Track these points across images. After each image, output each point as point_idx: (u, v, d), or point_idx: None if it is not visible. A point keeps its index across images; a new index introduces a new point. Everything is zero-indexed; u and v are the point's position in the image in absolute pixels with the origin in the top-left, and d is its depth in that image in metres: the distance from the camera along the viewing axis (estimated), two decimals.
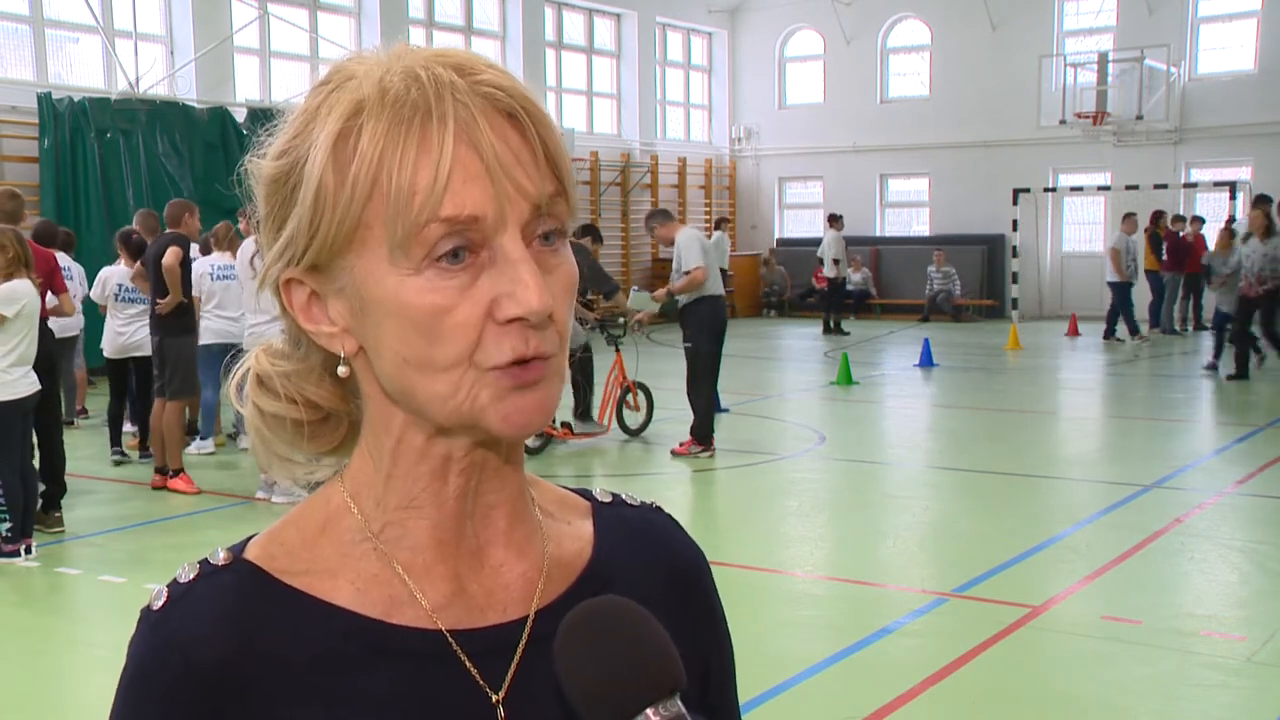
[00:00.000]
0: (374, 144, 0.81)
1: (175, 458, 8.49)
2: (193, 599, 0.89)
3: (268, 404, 0.94)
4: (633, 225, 21.91)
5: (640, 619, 0.83)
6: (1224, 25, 21.40)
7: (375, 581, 0.90)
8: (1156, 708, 4.69)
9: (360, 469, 0.92)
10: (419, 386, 0.84)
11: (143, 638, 0.89)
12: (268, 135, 0.89)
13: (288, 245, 0.87)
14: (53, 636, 5.78)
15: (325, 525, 0.92)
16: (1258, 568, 6.49)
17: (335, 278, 0.86)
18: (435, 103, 0.81)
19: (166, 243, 8.52)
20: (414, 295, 0.82)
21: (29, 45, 15.29)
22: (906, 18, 23.89)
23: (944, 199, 23.54)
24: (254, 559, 0.91)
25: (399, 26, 18.56)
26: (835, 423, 11.61)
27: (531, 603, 0.93)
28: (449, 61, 0.84)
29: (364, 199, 0.82)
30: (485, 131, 0.81)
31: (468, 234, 0.81)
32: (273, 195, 0.88)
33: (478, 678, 0.90)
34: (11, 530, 6.63)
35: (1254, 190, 20.08)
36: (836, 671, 5.03)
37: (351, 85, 0.84)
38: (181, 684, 0.86)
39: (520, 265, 0.82)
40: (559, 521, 0.99)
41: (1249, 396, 12.94)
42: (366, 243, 0.83)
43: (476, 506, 0.91)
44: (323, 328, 0.88)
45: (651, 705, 0.79)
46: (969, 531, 7.46)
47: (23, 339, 6.58)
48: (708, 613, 1.04)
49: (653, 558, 1.01)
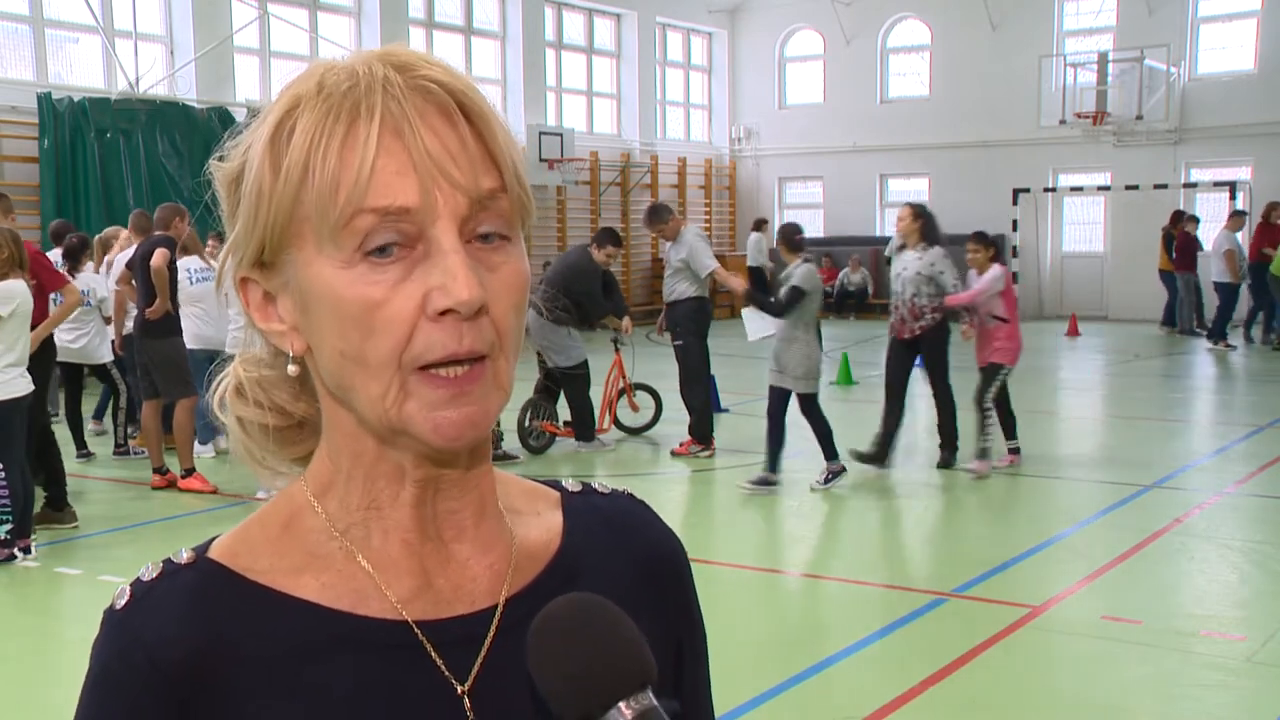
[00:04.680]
0: (304, 136, 0.82)
1: (186, 458, 8.48)
2: (156, 597, 0.89)
3: (243, 411, 0.95)
4: (633, 225, 21.88)
5: (611, 614, 0.83)
6: (1224, 25, 21.39)
7: (341, 576, 0.90)
8: (1156, 708, 4.69)
9: (321, 469, 0.92)
10: (357, 384, 0.84)
11: (106, 637, 0.90)
12: (231, 139, 0.90)
13: (236, 244, 0.88)
14: (53, 637, 5.78)
15: (289, 523, 0.92)
16: (1258, 568, 6.48)
17: (281, 273, 0.87)
18: (365, 96, 0.82)
19: (154, 245, 8.47)
20: (346, 288, 0.82)
21: (29, 45, 15.28)
22: (906, 18, 23.88)
23: (944, 199, 23.49)
24: (217, 557, 0.91)
25: (399, 26, 18.56)
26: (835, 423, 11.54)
27: (500, 593, 0.93)
28: (393, 60, 0.84)
29: (295, 191, 0.83)
30: (415, 125, 0.81)
31: (399, 226, 0.81)
32: (229, 196, 0.89)
33: (443, 668, 0.90)
34: (11, 531, 6.63)
35: (1254, 190, 20.08)
36: (836, 671, 5.03)
37: (297, 83, 0.86)
38: (147, 682, 0.86)
39: (450, 256, 0.81)
40: (526, 514, 0.98)
41: (1249, 396, 12.93)
42: (304, 235, 0.84)
43: (439, 511, 0.91)
44: (274, 325, 0.89)
45: (623, 699, 0.80)
46: (969, 531, 7.46)
47: (19, 339, 6.58)
48: (682, 600, 1.04)
49: (624, 543, 1.01)
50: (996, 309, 8.71)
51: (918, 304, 8.76)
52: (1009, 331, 8.74)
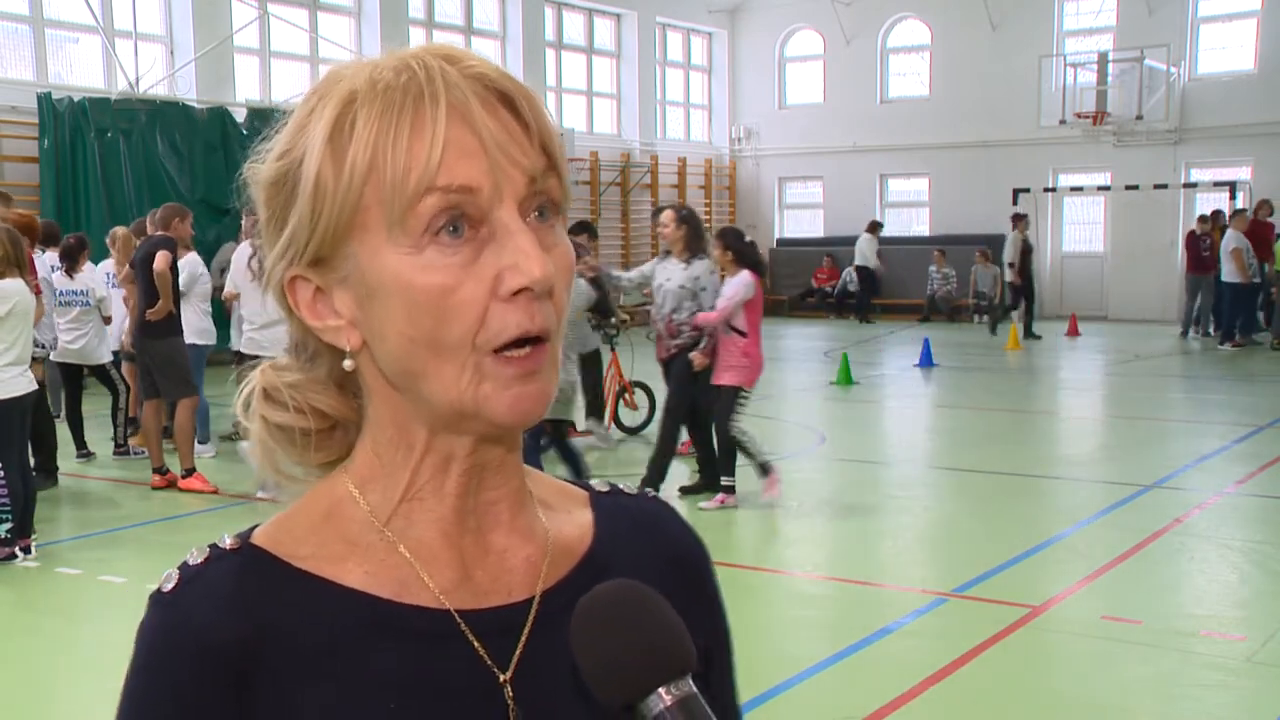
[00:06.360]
0: (368, 128, 0.84)
1: (187, 457, 8.48)
2: (203, 581, 0.90)
3: (275, 415, 0.95)
4: (633, 225, 21.91)
5: (654, 600, 0.85)
6: (1224, 25, 21.40)
7: (384, 565, 0.92)
8: (1156, 708, 4.69)
9: (364, 463, 0.94)
10: (429, 369, 0.85)
11: (153, 620, 0.90)
12: (264, 142, 0.91)
13: (290, 243, 0.89)
14: (53, 636, 5.77)
15: (330, 512, 0.94)
16: (1258, 568, 6.48)
17: (338, 268, 0.88)
18: (427, 85, 0.84)
19: (155, 246, 8.47)
20: (417, 274, 0.83)
21: (29, 45, 15.29)
22: (906, 18, 23.89)
23: (944, 199, 23.54)
24: (261, 543, 0.92)
25: (399, 26, 18.56)
26: (835, 423, 11.62)
27: (536, 585, 0.95)
28: (438, 53, 0.87)
29: (361, 182, 0.84)
30: (478, 110, 0.84)
31: (464, 206, 0.83)
32: (273, 197, 0.90)
33: (485, 657, 0.91)
34: (11, 530, 6.63)
35: (1254, 190, 20.07)
36: (836, 671, 5.03)
37: (342, 84, 0.87)
38: (193, 665, 0.87)
39: (519, 236, 0.84)
40: (558, 511, 1.00)
41: (1249, 397, 12.94)
42: (367, 226, 0.85)
43: (478, 502, 0.93)
44: (328, 322, 0.90)
45: (663, 685, 0.81)
46: (969, 531, 7.46)
47: (17, 338, 6.59)
48: (706, 599, 1.06)
49: (651, 544, 1.03)
50: (737, 320, 7.54)
51: (676, 320, 7.78)
52: (746, 348, 7.57)
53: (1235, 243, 17.13)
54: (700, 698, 0.82)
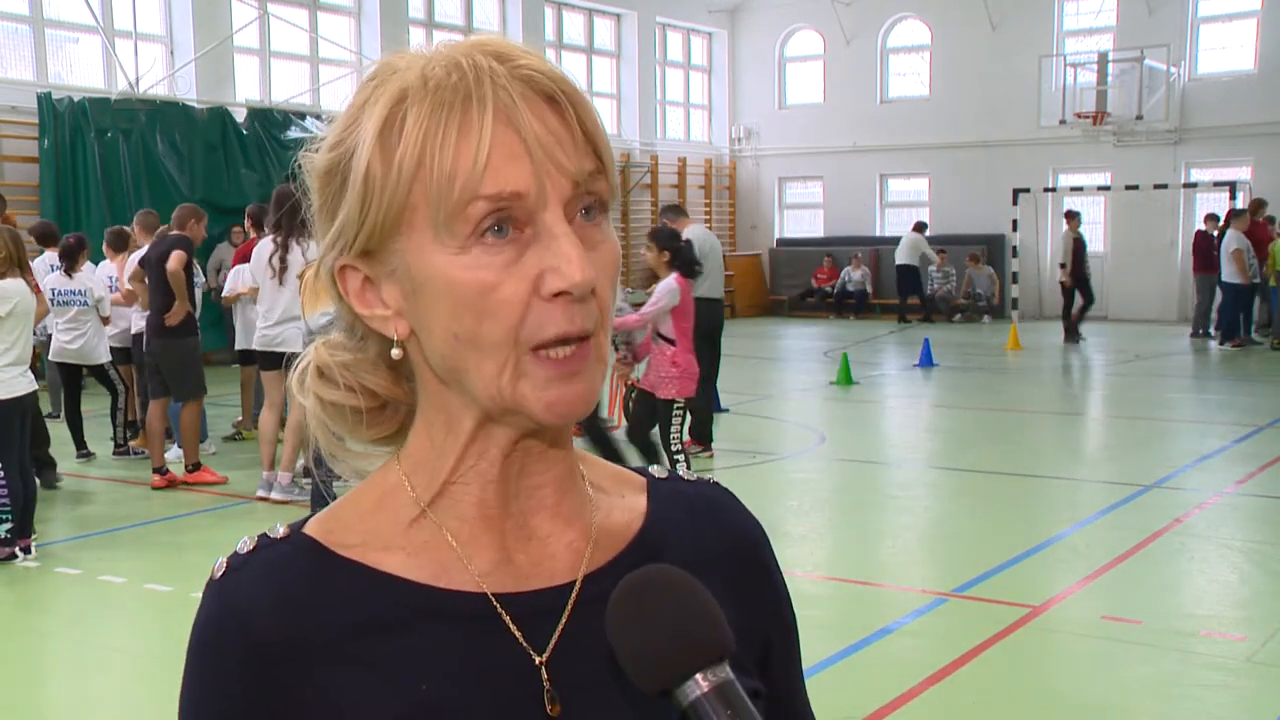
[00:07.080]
0: (418, 127, 0.85)
1: (191, 454, 8.50)
2: (250, 568, 0.93)
3: (328, 393, 0.97)
4: (633, 225, 21.89)
5: (691, 586, 0.85)
6: (1224, 25, 21.39)
7: (425, 548, 0.93)
8: (1156, 708, 4.69)
9: (416, 448, 0.96)
10: (470, 364, 0.87)
11: (205, 605, 0.94)
12: (320, 131, 0.94)
13: (340, 233, 0.90)
14: (53, 636, 5.77)
15: (380, 501, 0.96)
16: (1258, 568, 6.48)
17: (386, 261, 0.89)
18: (475, 87, 0.85)
19: (170, 246, 8.46)
20: (461, 272, 0.85)
21: (29, 45, 15.28)
22: (906, 18, 23.89)
23: (944, 199, 23.53)
24: (311, 533, 0.95)
25: (399, 26, 18.56)
26: (835, 423, 11.61)
27: (579, 570, 0.95)
28: (489, 49, 0.88)
29: (409, 182, 0.86)
30: (524, 113, 0.85)
31: (511, 211, 0.84)
32: (325, 187, 0.92)
33: (521, 639, 0.92)
34: (11, 530, 6.63)
35: (1254, 190, 20.07)
36: (836, 671, 5.02)
37: (396, 77, 0.88)
38: (238, 648, 0.91)
39: (563, 239, 0.85)
40: (612, 495, 1.01)
41: (1249, 396, 12.94)
42: (414, 224, 0.87)
43: (521, 487, 0.94)
44: (376, 311, 0.92)
45: (700, 670, 0.81)
46: (969, 531, 7.46)
47: (17, 338, 6.59)
48: (768, 585, 1.06)
49: (708, 530, 1.04)
50: (664, 327, 7.21)
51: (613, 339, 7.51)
52: (675, 356, 7.25)
53: (1236, 243, 17.09)
54: (737, 684, 0.82)
